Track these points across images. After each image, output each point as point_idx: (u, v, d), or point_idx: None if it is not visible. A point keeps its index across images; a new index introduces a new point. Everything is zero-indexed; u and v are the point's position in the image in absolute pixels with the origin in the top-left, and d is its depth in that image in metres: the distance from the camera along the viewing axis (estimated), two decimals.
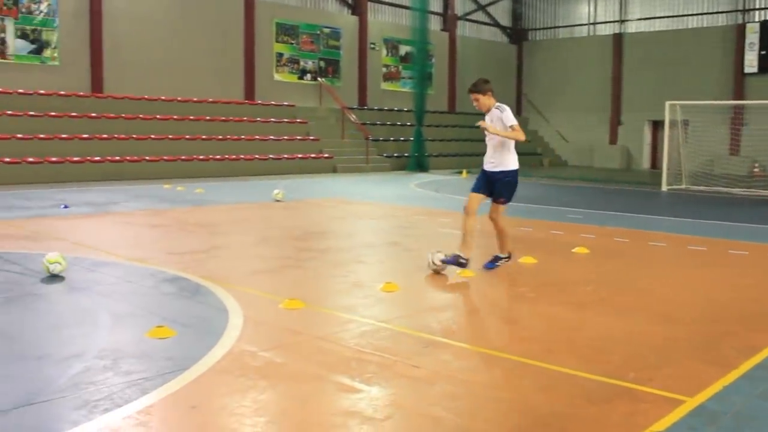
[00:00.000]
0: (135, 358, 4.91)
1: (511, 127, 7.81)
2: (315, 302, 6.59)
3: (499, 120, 7.96)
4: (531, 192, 19.82)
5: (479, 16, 38.60)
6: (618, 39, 36.64)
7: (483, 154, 8.34)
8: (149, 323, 5.66)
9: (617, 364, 4.95)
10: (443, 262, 7.89)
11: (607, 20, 37.66)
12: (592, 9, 38.32)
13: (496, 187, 8.08)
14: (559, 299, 6.95)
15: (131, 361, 4.82)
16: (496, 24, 39.62)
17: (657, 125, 34.26)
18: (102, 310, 6.23)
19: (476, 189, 8.16)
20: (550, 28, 39.80)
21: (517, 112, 40.23)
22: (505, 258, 8.32)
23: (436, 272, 7.86)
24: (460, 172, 27.10)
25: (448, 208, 15.15)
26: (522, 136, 7.81)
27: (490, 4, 38.55)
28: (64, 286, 7.16)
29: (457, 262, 7.90)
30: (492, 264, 8.26)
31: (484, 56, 37.92)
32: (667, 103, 23.66)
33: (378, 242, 10.64)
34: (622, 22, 37.16)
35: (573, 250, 9.70)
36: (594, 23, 38.23)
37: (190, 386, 4.40)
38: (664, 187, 22.20)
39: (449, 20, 36.39)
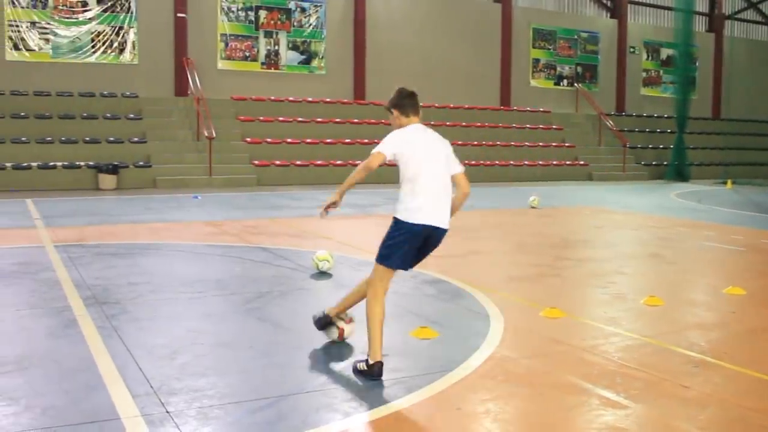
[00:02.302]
0: (400, 356, 5.10)
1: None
2: (575, 312, 6.46)
3: None
4: None
5: (750, 14, 35.68)
6: None
7: (750, 163, 7.64)
8: (412, 323, 5.87)
9: None
10: None
11: None
12: None
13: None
14: None
15: (397, 359, 5.01)
16: None
17: None
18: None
19: None
20: None
21: None
22: None
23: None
24: (725, 182, 25.27)
25: (712, 220, 14.18)
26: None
27: (762, 0, 35.48)
28: (332, 283, 7.62)
29: None
30: None
31: (755, 58, 35.01)
32: None
33: (638, 253, 10.22)
34: None
35: None
36: None
37: (454, 387, 4.49)
38: None
39: (716, 20, 34.04)
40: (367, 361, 4.74)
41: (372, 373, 4.69)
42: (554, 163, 25.87)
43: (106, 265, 8.31)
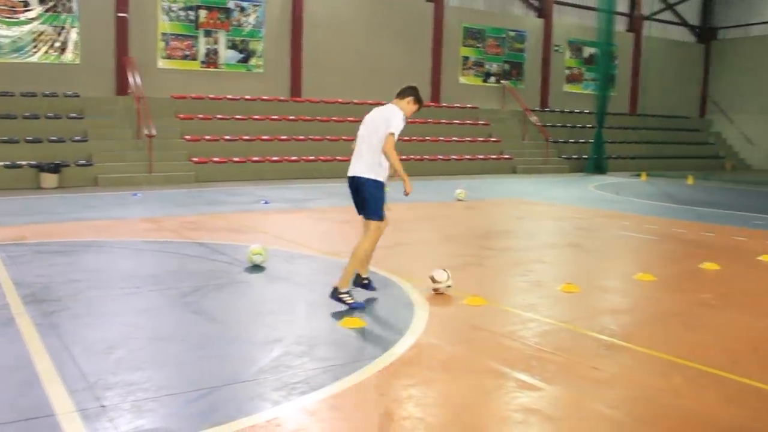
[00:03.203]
0: (328, 345, 5.32)
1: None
2: (497, 300, 6.78)
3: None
4: (713, 196, 18.93)
5: (667, 15, 36.97)
6: None
7: (663, 156, 8.13)
8: (341, 313, 6.09)
9: None
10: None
11: None
12: None
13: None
14: (745, 307, 6.72)
15: (325, 348, 5.23)
16: (684, 23, 37.79)
17: None
18: (299, 299, 6.76)
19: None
20: (742, 26, 37.37)
21: (700, 114, 38.30)
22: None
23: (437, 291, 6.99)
24: (640, 175, 26.23)
25: (628, 210, 14.80)
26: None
27: (678, 2, 36.79)
28: (266, 276, 7.78)
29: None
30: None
31: (670, 56, 36.35)
32: None
33: (558, 243, 10.65)
34: None
35: (758, 258, 9.27)
36: None
37: (379, 375, 4.72)
38: None
39: (635, 20, 35.15)
40: (346, 292, 6.34)
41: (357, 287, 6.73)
42: (480, 157, 26.40)
43: (46, 263, 8.29)
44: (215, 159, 21.12)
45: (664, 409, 4.25)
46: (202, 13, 23.65)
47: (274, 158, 22.03)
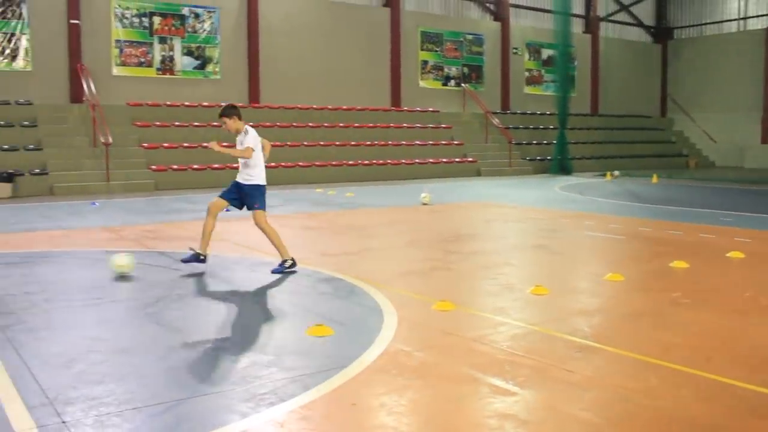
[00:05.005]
0: (296, 354, 5.18)
1: (246, 148, 8.29)
2: (466, 304, 6.70)
3: (241, 142, 8.40)
4: (678, 194, 19.16)
5: (622, 16, 37.55)
6: None
7: (627, 156, 8.17)
8: (308, 321, 5.94)
9: None
10: (184, 261, 8.34)
11: (759, 14, 35.67)
12: (742, 3, 36.43)
13: (249, 199, 8.40)
14: (716, 305, 6.72)
15: (293, 357, 5.09)
16: (640, 24, 38.38)
17: None
18: (264, 307, 6.62)
19: (223, 195, 8.58)
20: (697, 25, 38.10)
21: (662, 113, 38.85)
22: (290, 262, 8.25)
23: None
24: (604, 175, 26.49)
25: (593, 210, 14.88)
26: (244, 154, 8.32)
27: (633, 3, 37.41)
28: (229, 285, 7.63)
29: (198, 259, 8.30)
30: (278, 269, 8.18)
31: (627, 56, 36.99)
32: None
33: (525, 245, 10.63)
34: None
35: (727, 255, 9.32)
36: (745, 18, 36.34)
37: (349, 384, 4.59)
38: None
39: (592, 22, 35.62)
40: (286, 261, 8.15)
41: (295, 263, 8.21)
42: (444, 160, 26.44)
43: (0, 275, 8.04)
44: (174, 167, 20.84)
45: (640, 409, 4.19)
46: (156, 19, 23.41)
47: (235, 165, 21.70)
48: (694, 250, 9.93)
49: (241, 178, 8.53)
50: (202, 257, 8.37)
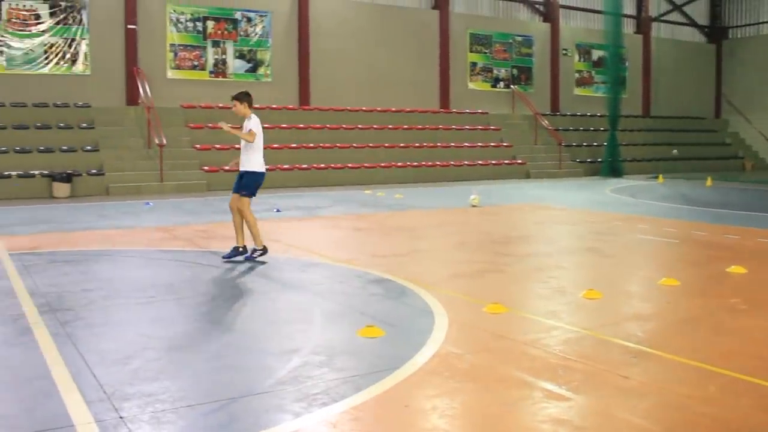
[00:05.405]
0: (348, 355, 5.18)
1: (249, 131, 8.97)
2: (517, 307, 6.63)
3: (246, 127, 9.08)
4: (733, 198, 18.74)
5: (675, 16, 36.86)
6: None
7: (680, 158, 7.98)
8: (359, 322, 5.95)
9: None
10: (225, 258, 8.91)
11: None
12: None
13: (241, 182, 9.09)
14: None
15: (344, 358, 5.09)
16: (693, 24, 37.63)
17: None
18: (315, 308, 6.63)
19: (234, 189, 9.20)
20: (753, 24, 37.17)
21: (716, 114, 38.02)
22: (260, 251, 8.98)
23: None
24: (657, 177, 26.04)
25: (646, 213, 14.64)
26: (247, 137, 8.97)
27: (686, 3, 36.68)
28: (281, 285, 7.68)
29: (237, 252, 8.95)
30: (249, 256, 8.93)
31: (680, 57, 36.26)
32: None
33: (576, 248, 10.50)
34: None
35: None
36: None
37: (401, 385, 4.57)
38: None
39: (643, 22, 35.05)
40: (256, 249, 8.91)
41: (264, 251, 8.95)
42: (493, 162, 26.29)
43: (59, 272, 8.24)
44: (226, 168, 21.06)
45: (698, 417, 4.09)
46: (210, 24, 23.82)
47: (285, 166, 22.01)
48: (752, 254, 9.68)
49: (241, 164, 9.19)
50: (240, 249, 8.94)
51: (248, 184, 9.06)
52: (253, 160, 9.10)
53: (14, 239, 10.87)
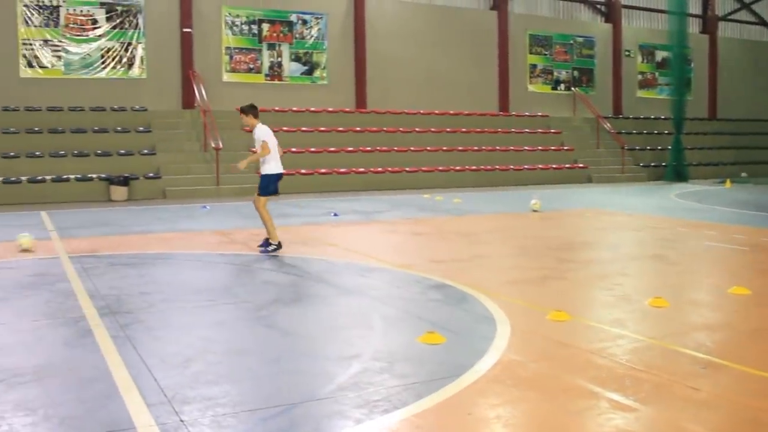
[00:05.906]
0: (408, 361, 5.12)
1: (262, 143, 9.68)
2: (581, 315, 6.48)
3: (257, 140, 9.77)
4: None
5: (743, 15, 35.85)
6: None
7: (748, 162, 7.70)
8: (419, 328, 5.88)
9: None
10: (262, 249, 9.84)
11: None
12: None
13: (259, 184, 9.98)
14: None
15: (405, 365, 5.03)
16: (763, 22, 36.54)
17: None
18: (374, 313, 6.59)
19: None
20: None
21: None
22: (275, 246, 9.73)
23: None
24: (724, 182, 25.34)
25: (713, 219, 14.22)
26: (263, 154, 9.71)
27: (755, 1, 35.62)
28: (339, 290, 7.65)
29: (268, 243, 9.83)
30: (264, 250, 9.81)
31: (749, 58, 35.21)
32: None
33: (641, 255, 10.24)
34: None
35: None
36: None
37: (463, 393, 4.49)
38: None
39: (709, 21, 34.20)
40: (271, 243, 9.74)
41: (279, 246, 9.74)
42: (554, 166, 25.95)
43: (118, 275, 8.39)
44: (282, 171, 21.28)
45: None
46: (265, 26, 24.03)
47: (342, 170, 22.07)
48: None
49: (261, 167, 9.99)
50: (273, 245, 9.77)
51: (262, 184, 9.88)
52: (266, 164, 9.83)
53: (74, 242, 11.10)
